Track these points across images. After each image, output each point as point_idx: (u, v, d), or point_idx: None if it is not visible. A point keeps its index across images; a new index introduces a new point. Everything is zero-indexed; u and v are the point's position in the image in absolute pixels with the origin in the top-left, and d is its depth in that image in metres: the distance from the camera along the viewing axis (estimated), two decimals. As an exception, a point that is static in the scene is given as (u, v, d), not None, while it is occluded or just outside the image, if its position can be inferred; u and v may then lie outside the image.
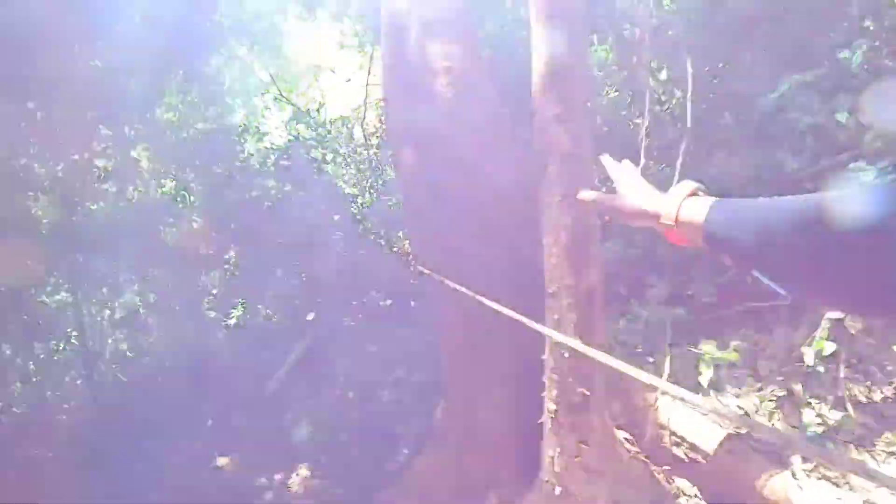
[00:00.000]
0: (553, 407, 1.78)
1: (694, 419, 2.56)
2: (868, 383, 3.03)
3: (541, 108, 1.56)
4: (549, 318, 1.63)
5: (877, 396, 2.95)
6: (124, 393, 5.53)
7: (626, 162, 1.02)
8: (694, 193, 0.78)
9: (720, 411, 2.84)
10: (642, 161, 2.06)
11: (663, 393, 2.37)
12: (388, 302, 4.87)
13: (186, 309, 7.16)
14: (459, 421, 2.44)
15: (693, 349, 2.53)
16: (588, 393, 1.70)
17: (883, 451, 2.58)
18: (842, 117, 3.18)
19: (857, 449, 2.66)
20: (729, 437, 2.56)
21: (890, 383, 3.03)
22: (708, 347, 2.55)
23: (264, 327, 5.60)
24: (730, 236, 0.66)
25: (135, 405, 5.14)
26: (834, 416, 2.79)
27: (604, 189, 1.32)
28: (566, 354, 1.60)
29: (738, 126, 3.60)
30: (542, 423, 1.95)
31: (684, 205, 0.76)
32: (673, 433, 2.52)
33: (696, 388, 3.08)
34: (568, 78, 1.46)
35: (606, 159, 1.02)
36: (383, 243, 2.54)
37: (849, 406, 2.76)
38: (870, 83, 3.40)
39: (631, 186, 0.93)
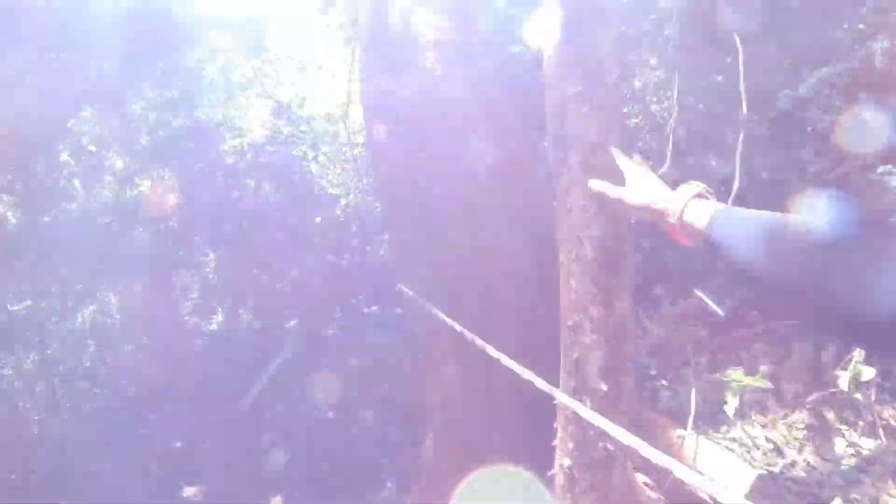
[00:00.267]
0: (567, 462, 1.42)
1: (722, 458, 2.21)
2: (895, 403, 2.83)
3: (557, 85, 1.20)
4: (566, 356, 1.27)
5: None
6: (85, 409, 5.10)
7: (638, 156, 1.07)
8: (700, 195, 0.80)
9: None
10: (668, 160, 1.72)
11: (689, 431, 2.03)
12: (373, 308, 4.50)
13: (162, 316, 6.76)
14: (451, 455, 2.07)
15: (719, 376, 2.20)
16: (612, 448, 1.34)
17: None
18: (868, 115, 2.91)
19: (894, 482, 2.38)
20: (762, 477, 2.23)
21: None
22: (735, 374, 2.22)
23: (242, 338, 5.20)
24: (730, 245, 0.67)
25: (96, 424, 4.72)
26: (867, 445, 2.56)
27: None
28: (587, 402, 1.24)
29: (755, 125, 3.33)
30: (552, 474, 1.59)
31: (690, 206, 0.78)
32: (699, 474, 2.16)
33: (720, 418, 2.79)
34: (593, 44, 1.11)
35: (615, 151, 1.08)
36: (368, 248, 2.22)
37: (881, 432, 2.48)
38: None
39: (640, 180, 0.95)
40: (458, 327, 1.41)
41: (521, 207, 1.73)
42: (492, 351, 1.30)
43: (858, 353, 2.53)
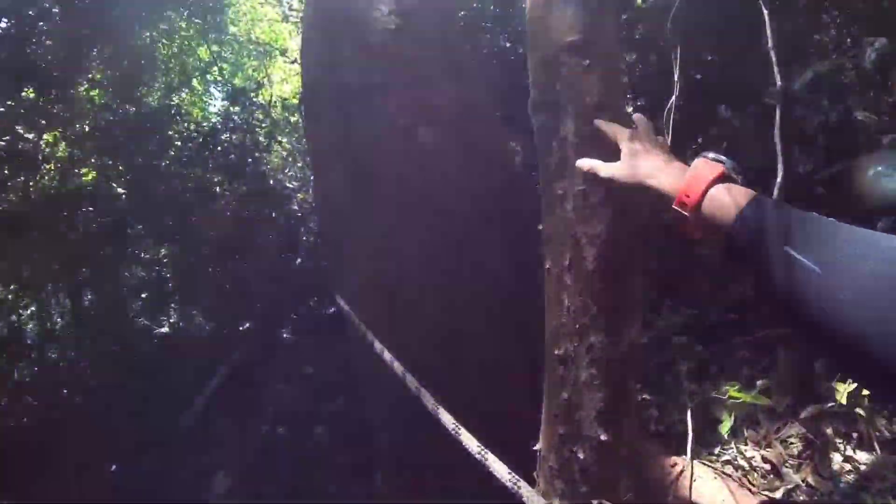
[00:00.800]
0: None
1: (721, 487, 1.96)
2: (885, 413, 2.72)
3: (545, 35, 0.88)
4: (552, 395, 0.96)
5: None
6: (13, 424, 4.52)
7: (639, 117, 0.82)
8: (724, 176, 0.61)
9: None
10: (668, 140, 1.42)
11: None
12: (332, 311, 4.11)
13: (108, 318, 6.20)
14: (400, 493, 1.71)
15: (715, 394, 1.95)
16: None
17: None
18: (861, 115, 2.77)
19: (895, 499, 2.24)
20: (762, 505, 1.99)
21: None
22: (733, 391, 1.97)
23: (188, 344, 4.73)
24: (775, 255, 0.46)
25: (22, 440, 4.17)
26: (864, 459, 2.41)
27: None
28: (579, 453, 0.93)
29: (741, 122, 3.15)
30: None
31: (714, 190, 0.58)
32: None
33: (713, 437, 2.56)
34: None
35: (599, 121, 0.84)
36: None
37: (876, 445, 2.32)
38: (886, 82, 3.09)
39: (640, 151, 0.72)
40: (378, 346, 1.09)
41: (520, 218, 1.40)
42: (411, 383, 0.97)
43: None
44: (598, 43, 0.91)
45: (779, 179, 1.15)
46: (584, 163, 0.83)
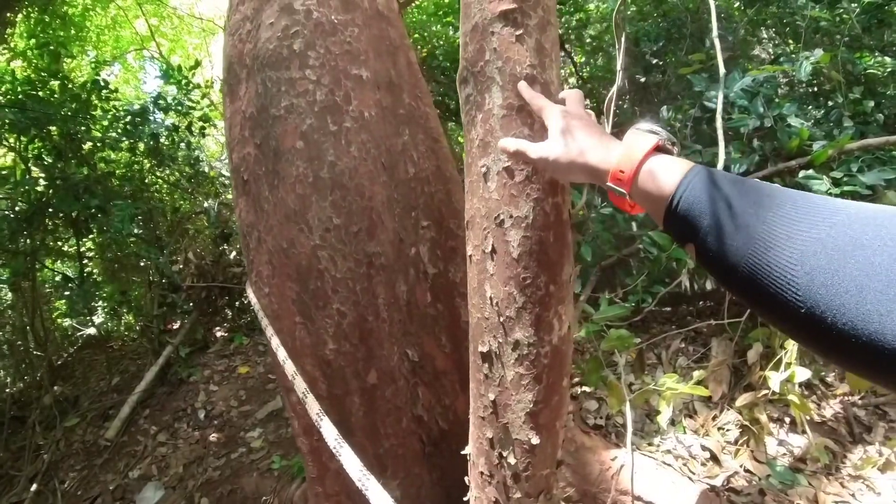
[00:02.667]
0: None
1: (662, 477, 1.97)
2: (814, 397, 2.88)
3: (478, 3, 0.80)
4: (478, 395, 0.87)
5: (827, 413, 2.78)
6: None
7: (569, 92, 0.75)
8: (660, 147, 0.58)
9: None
10: (608, 129, 1.37)
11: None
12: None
13: (24, 319, 5.61)
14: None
15: (652, 385, 1.95)
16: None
17: (850, 475, 2.23)
18: (795, 122, 2.90)
19: (827, 479, 2.36)
20: (705, 493, 2.02)
21: (833, 395, 2.88)
22: (669, 381, 1.97)
23: (114, 346, 4.35)
24: (716, 223, 0.45)
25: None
26: (796, 443, 2.55)
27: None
28: (509, 458, 0.86)
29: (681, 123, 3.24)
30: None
31: (649, 163, 0.55)
32: (638, 498, 1.92)
33: (651, 427, 2.61)
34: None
35: (523, 86, 0.77)
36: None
37: (807, 428, 2.45)
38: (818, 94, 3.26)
39: (572, 127, 0.66)
40: (275, 342, 0.96)
41: (443, 200, 1.28)
42: (299, 387, 0.86)
43: (791, 354, 2.42)
44: (534, 13, 0.83)
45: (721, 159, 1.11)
46: (510, 143, 0.74)
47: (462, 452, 1.02)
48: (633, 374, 2.60)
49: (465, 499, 1.13)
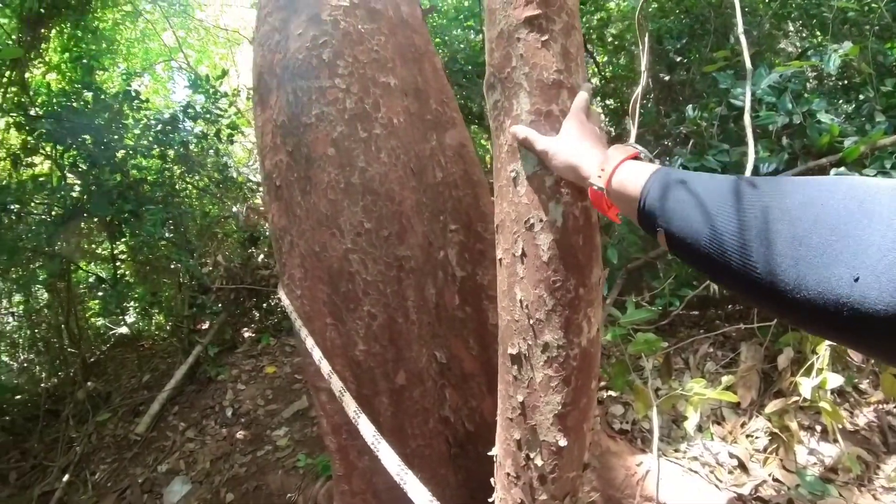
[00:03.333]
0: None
1: (688, 484, 1.93)
2: (846, 405, 2.78)
3: (503, 10, 0.81)
4: (507, 397, 0.88)
5: (860, 421, 2.67)
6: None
7: (583, 96, 0.78)
8: (635, 157, 0.66)
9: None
10: (634, 132, 1.37)
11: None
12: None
13: (59, 318, 5.85)
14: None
15: (680, 390, 1.91)
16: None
17: (883, 486, 2.20)
18: (825, 118, 2.81)
19: (859, 490, 2.27)
20: (732, 502, 1.98)
21: (867, 403, 2.76)
22: (697, 386, 1.94)
23: (145, 345, 4.50)
24: (673, 214, 0.51)
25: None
26: (827, 452, 2.45)
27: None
28: (536, 459, 0.87)
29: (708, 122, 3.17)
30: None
31: (621, 168, 0.63)
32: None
33: (678, 433, 2.56)
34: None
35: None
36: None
37: (839, 437, 2.35)
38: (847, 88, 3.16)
39: (572, 130, 0.73)
40: (309, 342, 0.99)
41: (474, 207, 1.30)
42: (336, 385, 0.88)
43: (822, 360, 2.35)
44: (558, 18, 0.84)
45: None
46: (521, 130, 0.79)
47: (489, 454, 1.03)
48: (660, 379, 2.57)
49: (489, 500, 1.14)
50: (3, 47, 4.62)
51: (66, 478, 3.31)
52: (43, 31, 5.51)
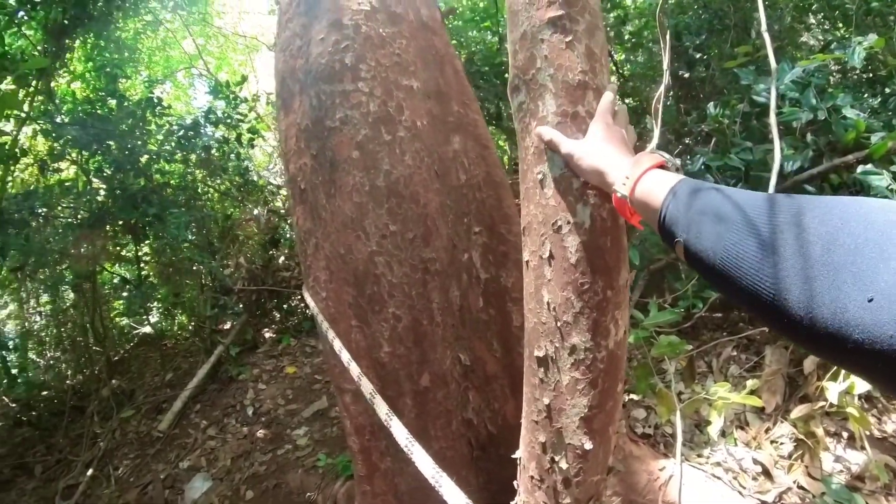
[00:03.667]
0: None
1: (711, 490, 1.89)
2: (874, 411, 2.69)
3: (525, 11, 0.81)
4: (532, 399, 0.88)
5: (888, 428, 2.58)
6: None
7: (608, 97, 0.77)
8: (661, 166, 0.64)
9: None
10: (657, 132, 1.35)
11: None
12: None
13: (85, 318, 6.02)
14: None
15: (704, 394, 1.88)
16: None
17: None
18: (850, 113, 2.72)
19: (886, 499, 2.20)
20: (753, 512, 1.93)
21: (895, 409, 2.67)
22: (721, 390, 1.90)
23: (168, 345, 4.60)
24: (690, 230, 0.51)
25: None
26: (854, 459, 2.38)
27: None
28: (561, 463, 0.86)
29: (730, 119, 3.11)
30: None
31: (646, 177, 0.62)
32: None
33: (700, 438, 2.51)
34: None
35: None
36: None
37: (866, 444, 2.28)
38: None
39: (598, 133, 0.73)
40: (337, 345, 0.99)
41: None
42: (366, 388, 0.88)
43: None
44: (582, 18, 0.84)
45: (773, 176, 1.08)
46: (546, 131, 0.79)
47: (513, 456, 1.03)
48: (683, 383, 2.53)
49: (511, 503, 1.14)
50: (30, 58, 4.76)
51: (89, 472, 3.41)
52: (67, 41, 5.68)
